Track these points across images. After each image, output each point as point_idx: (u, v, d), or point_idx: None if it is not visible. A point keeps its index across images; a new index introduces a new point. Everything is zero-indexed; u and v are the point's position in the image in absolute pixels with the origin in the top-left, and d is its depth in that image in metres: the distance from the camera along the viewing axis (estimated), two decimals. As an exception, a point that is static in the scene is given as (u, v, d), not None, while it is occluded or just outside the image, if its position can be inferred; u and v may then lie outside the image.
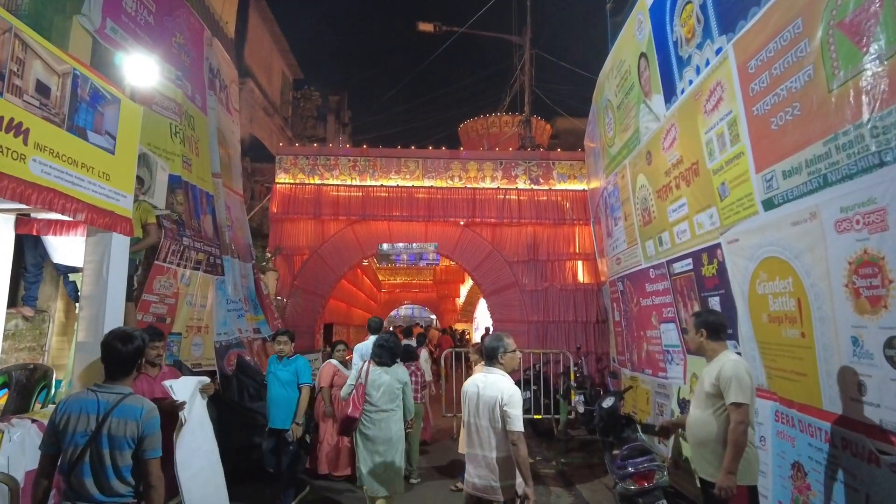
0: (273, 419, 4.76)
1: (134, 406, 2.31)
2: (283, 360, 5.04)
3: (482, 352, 5.75)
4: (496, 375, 3.06)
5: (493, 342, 3.17)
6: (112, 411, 2.23)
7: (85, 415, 2.24)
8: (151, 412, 2.34)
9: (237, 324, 7.85)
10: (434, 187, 10.36)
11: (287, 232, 10.29)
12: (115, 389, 2.34)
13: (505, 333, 3.26)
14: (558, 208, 10.41)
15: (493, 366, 3.11)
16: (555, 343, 10.13)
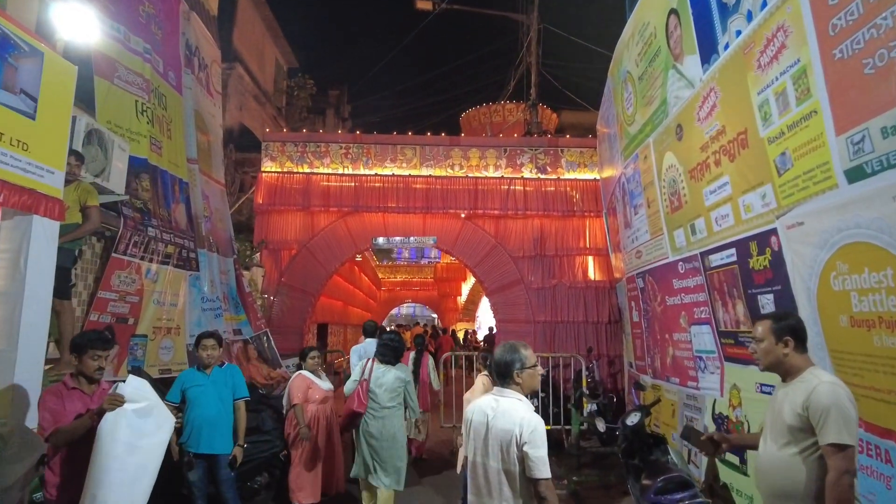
0: (205, 442, 3.82)
1: None
2: (212, 371, 4.01)
3: (485, 360, 5.08)
4: (511, 400, 2.33)
5: (506, 354, 2.42)
6: None
7: None
8: None
9: (214, 324, 7.16)
10: (433, 176, 9.65)
11: (273, 224, 9.59)
12: None
13: (521, 343, 2.49)
14: (567, 199, 9.69)
15: (507, 386, 2.38)
16: (563, 345, 9.43)
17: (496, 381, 2.42)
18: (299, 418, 4.61)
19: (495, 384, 2.44)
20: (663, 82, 4.77)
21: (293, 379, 4.86)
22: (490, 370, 3.03)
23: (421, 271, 29.03)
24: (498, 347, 2.50)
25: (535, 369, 2.40)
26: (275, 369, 7.89)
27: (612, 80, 6.73)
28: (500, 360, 2.38)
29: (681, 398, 5.02)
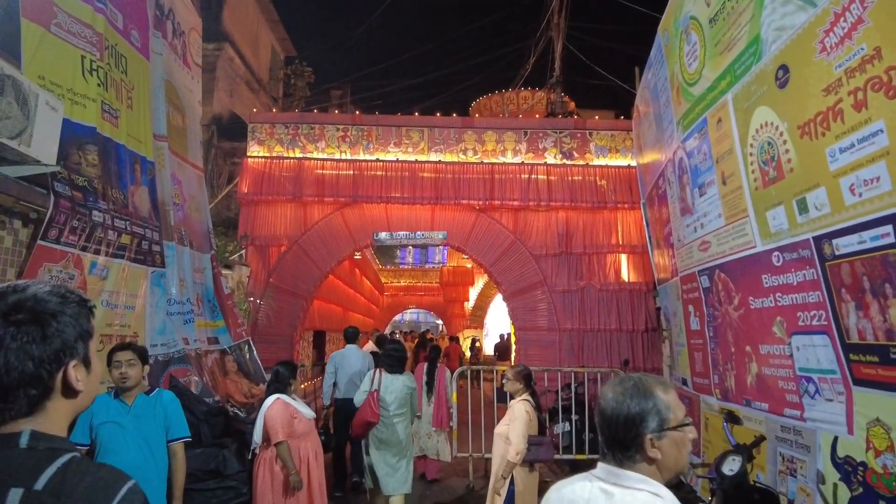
0: None
1: None
2: (135, 400, 2.94)
3: (526, 378, 4.02)
4: (635, 493, 1.21)
5: (628, 400, 1.29)
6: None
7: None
8: None
9: (182, 331, 6.11)
10: (443, 163, 8.58)
11: (260, 217, 8.54)
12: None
13: (656, 380, 1.35)
14: (596, 189, 8.60)
15: (626, 462, 1.27)
16: (593, 357, 8.33)
17: (604, 451, 1.31)
18: (286, 461, 3.53)
19: (603, 456, 1.32)
20: (754, 14, 3.69)
21: (271, 406, 3.76)
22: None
23: (426, 275, 28.16)
24: (606, 388, 1.36)
25: (685, 430, 1.28)
26: (257, 385, 6.81)
27: (665, 37, 5.65)
28: (617, 411, 1.27)
29: (772, 431, 3.91)
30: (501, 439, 3.71)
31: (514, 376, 3.85)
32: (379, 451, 4.44)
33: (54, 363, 0.97)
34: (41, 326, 0.96)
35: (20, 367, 0.93)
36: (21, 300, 0.97)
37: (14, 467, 0.91)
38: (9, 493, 0.87)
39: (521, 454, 3.46)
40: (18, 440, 0.93)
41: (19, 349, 0.94)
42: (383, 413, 4.42)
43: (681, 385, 6.24)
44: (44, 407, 0.97)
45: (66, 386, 0.98)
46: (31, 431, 0.95)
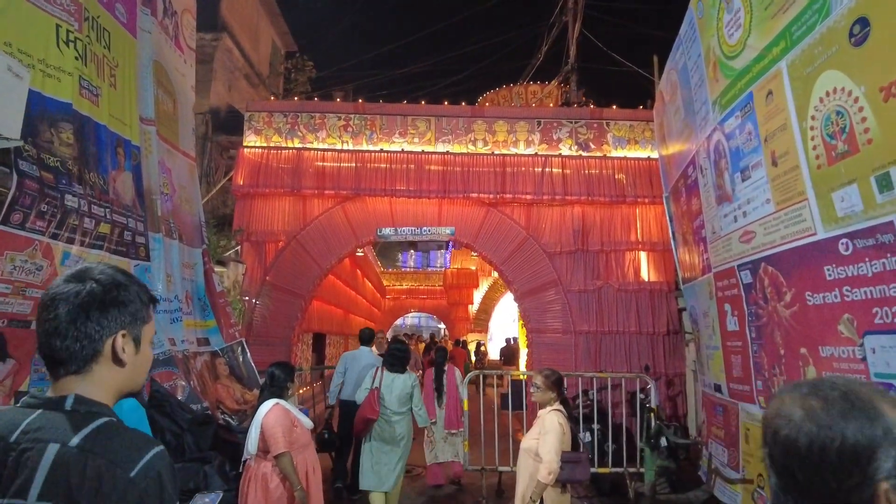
0: None
1: None
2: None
3: (558, 385, 3.54)
4: None
5: (854, 421, 0.77)
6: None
7: None
8: None
9: (168, 332, 5.65)
10: (451, 154, 8.12)
11: (257, 211, 8.08)
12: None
13: (871, 386, 0.82)
14: (614, 182, 8.12)
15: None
16: (610, 361, 7.84)
17: (779, 496, 0.81)
18: (290, 475, 3.06)
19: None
20: (820, -34, 3.22)
21: (269, 412, 3.28)
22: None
23: (428, 278, 27.89)
24: (786, 400, 0.85)
25: None
26: (251, 390, 6.34)
27: (700, 8, 5.18)
28: (821, 441, 0.77)
29: (836, 445, 3.40)
30: (529, 455, 3.24)
31: (545, 383, 3.37)
32: (379, 448, 4.60)
33: (106, 327, 1.08)
34: (104, 292, 1.08)
35: (77, 321, 1.04)
36: (90, 269, 1.12)
37: (56, 426, 1.01)
38: (47, 447, 0.98)
39: (554, 474, 2.99)
40: (64, 403, 1.04)
41: (79, 306, 1.05)
42: (383, 411, 4.58)
43: (712, 392, 5.75)
44: (90, 369, 1.08)
45: (114, 355, 1.09)
46: (76, 395, 1.05)
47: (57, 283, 1.11)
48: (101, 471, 0.98)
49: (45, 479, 0.96)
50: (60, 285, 1.09)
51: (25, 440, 0.99)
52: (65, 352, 1.06)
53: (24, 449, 0.98)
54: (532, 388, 3.44)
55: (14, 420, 1.02)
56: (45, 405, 1.05)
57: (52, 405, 1.05)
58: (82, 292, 1.08)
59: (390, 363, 4.81)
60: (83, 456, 0.98)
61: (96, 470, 0.98)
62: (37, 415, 1.03)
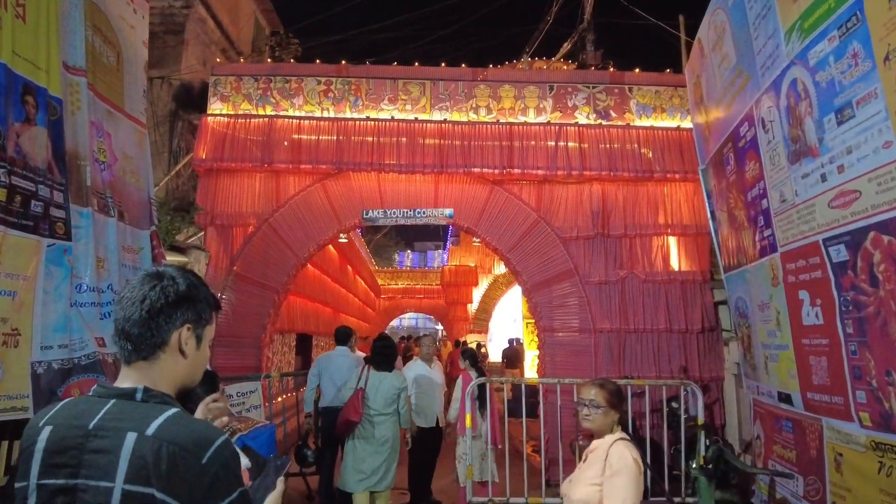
0: None
1: None
2: None
3: (620, 399, 2.37)
4: None
5: None
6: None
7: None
8: None
9: (97, 329, 4.55)
10: (449, 123, 7.06)
11: (222, 190, 7.02)
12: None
13: None
14: (639, 156, 7.08)
15: None
16: (637, 364, 6.84)
17: None
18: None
19: None
20: None
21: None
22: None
23: (425, 277, 27.07)
24: None
25: None
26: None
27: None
28: None
29: None
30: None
31: (608, 400, 2.33)
32: (363, 449, 4.50)
33: (176, 322, 1.24)
34: (177, 289, 1.24)
35: (152, 311, 1.20)
36: (167, 272, 1.28)
37: (131, 415, 1.14)
38: (126, 435, 1.10)
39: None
40: (135, 394, 1.18)
41: (157, 303, 1.22)
42: (367, 411, 4.48)
43: (775, 402, 4.71)
44: (157, 358, 1.23)
45: (179, 347, 1.24)
46: (144, 388, 1.19)
47: (135, 283, 1.25)
48: (175, 457, 1.08)
49: (128, 464, 1.08)
50: (139, 286, 1.24)
51: (104, 428, 1.12)
52: (138, 339, 1.21)
53: (103, 436, 1.11)
54: (584, 410, 2.39)
55: (91, 409, 1.16)
56: (117, 395, 1.17)
57: (124, 395, 1.18)
58: (157, 288, 1.23)
59: (377, 362, 4.66)
60: (158, 443, 1.09)
61: (171, 456, 1.08)
62: (111, 404, 1.15)
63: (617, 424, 2.37)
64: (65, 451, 1.11)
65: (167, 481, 1.06)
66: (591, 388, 2.40)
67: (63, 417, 1.16)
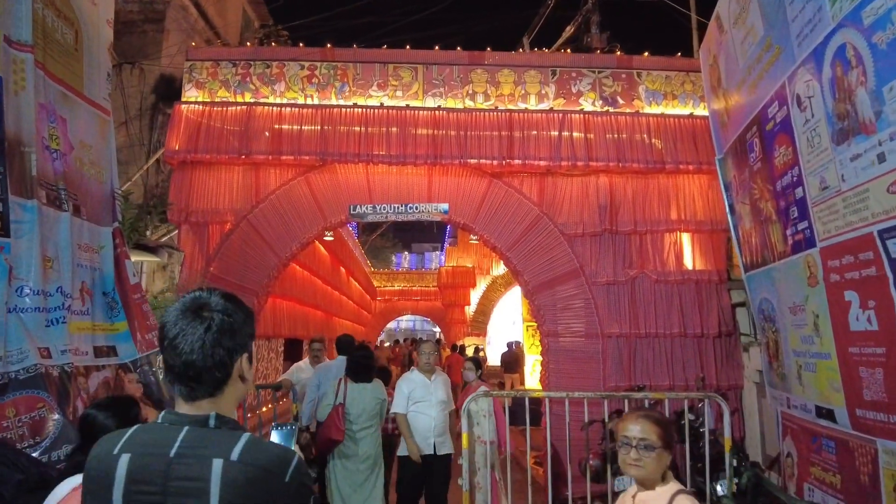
0: None
1: None
2: None
3: (671, 430, 1.78)
4: None
5: None
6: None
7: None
8: None
9: (41, 338, 4.04)
10: (443, 110, 6.54)
11: (197, 184, 6.48)
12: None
13: None
14: (649, 146, 6.56)
15: None
16: (648, 372, 6.33)
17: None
18: None
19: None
20: None
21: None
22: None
23: (422, 279, 26.61)
24: None
25: None
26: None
27: None
28: None
29: None
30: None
31: (662, 438, 1.81)
32: (344, 467, 4.31)
33: (236, 353, 1.25)
34: (231, 323, 1.24)
35: (213, 354, 1.21)
36: (210, 302, 1.26)
37: (210, 442, 1.18)
38: (212, 462, 1.14)
39: None
40: (208, 421, 1.21)
41: (215, 341, 1.21)
42: (349, 428, 4.27)
43: (809, 417, 4.19)
44: (222, 391, 1.25)
45: (240, 374, 1.27)
46: (216, 415, 1.22)
47: (176, 316, 1.24)
48: (262, 479, 1.16)
49: (220, 488, 1.13)
50: (188, 324, 1.22)
51: (186, 455, 1.15)
52: (203, 380, 1.22)
53: (188, 463, 1.14)
54: (631, 453, 1.84)
55: (166, 436, 1.19)
56: (190, 423, 1.20)
57: (197, 422, 1.21)
58: (213, 328, 1.22)
59: (354, 372, 4.42)
60: (244, 467, 1.15)
61: (257, 478, 1.16)
62: (186, 431, 1.19)
63: (669, 468, 1.83)
64: (149, 478, 1.14)
65: (257, 501, 1.14)
66: (638, 423, 1.86)
67: (139, 445, 1.18)
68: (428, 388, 4.74)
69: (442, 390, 4.81)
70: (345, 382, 4.37)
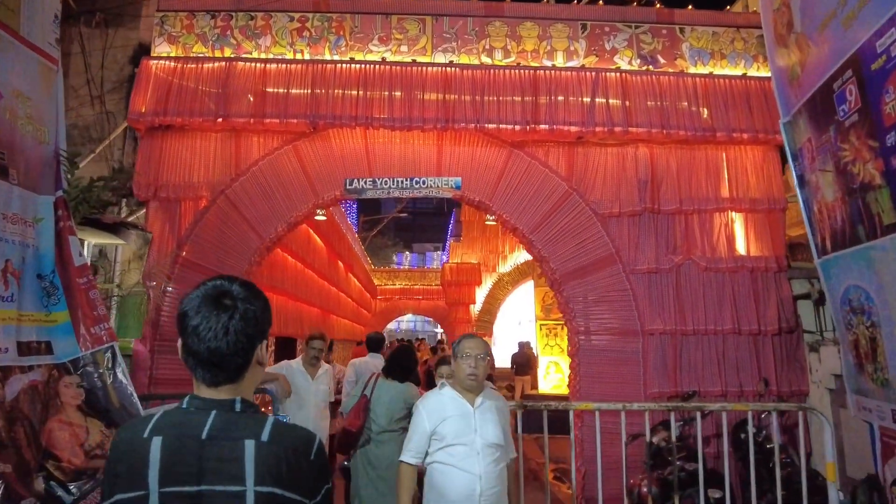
0: None
1: None
2: None
3: None
4: None
5: None
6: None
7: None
8: None
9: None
10: (456, 67, 5.60)
11: (168, 153, 5.56)
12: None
13: None
14: (695, 112, 5.63)
15: None
16: (697, 375, 5.41)
17: None
18: None
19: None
20: None
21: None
22: None
23: (424, 277, 25.89)
24: None
25: None
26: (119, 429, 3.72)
27: None
28: None
29: None
30: None
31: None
32: (366, 471, 3.93)
33: (257, 340, 1.31)
34: (254, 311, 1.29)
35: (238, 342, 1.26)
36: (231, 291, 1.30)
37: (238, 425, 1.25)
38: (244, 443, 1.22)
39: None
40: (234, 405, 1.28)
41: (240, 329, 1.26)
42: (369, 425, 3.94)
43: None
44: (243, 376, 1.31)
45: (258, 360, 1.33)
46: (242, 399, 1.29)
47: (198, 304, 1.28)
48: (291, 458, 1.25)
49: (255, 468, 1.21)
50: (212, 313, 1.26)
51: (218, 437, 1.22)
52: (227, 368, 1.28)
53: (221, 445, 1.22)
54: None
55: (195, 419, 1.25)
56: (217, 407, 1.27)
57: (224, 407, 1.27)
58: (237, 317, 1.27)
59: (389, 368, 4.12)
60: (275, 447, 1.23)
61: (287, 457, 1.24)
62: (214, 415, 1.25)
63: None
64: (183, 460, 1.20)
65: (288, 479, 1.22)
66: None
67: (170, 427, 1.23)
68: (470, 420, 2.71)
69: (495, 424, 2.75)
70: (375, 378, 4.13)
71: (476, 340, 2.78)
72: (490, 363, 2.80)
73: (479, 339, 2.79)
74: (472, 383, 2.70)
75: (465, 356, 2.68)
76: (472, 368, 2.66)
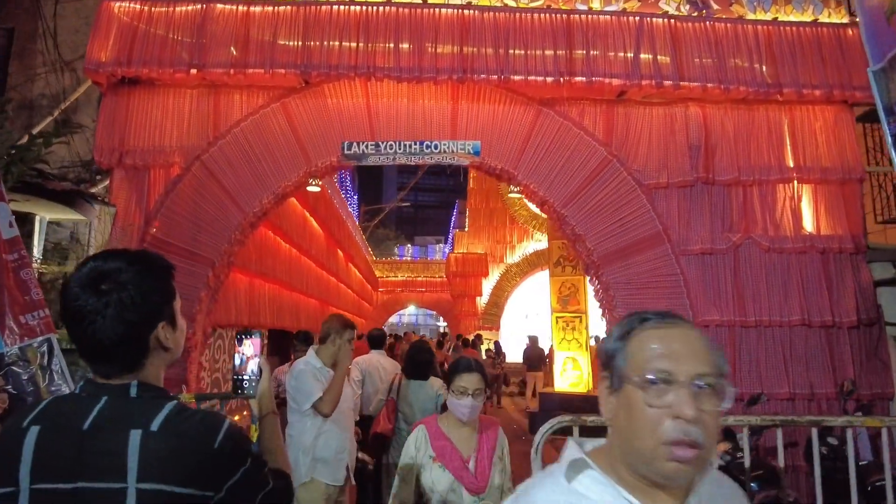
0: None
1: None
2: None
3: None
4: None
5: None
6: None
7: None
8: None
9: None
10: (475, 9, 4.74)
11: (135, 112, 4.74)
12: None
13: None
14: (757, 65, 4.76)
15: None
16: (759, 374, 4.57)
17: None
18: None
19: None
20: None
21: None
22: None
23: (427, 269, 25.28)
24: None
25: None
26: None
27: None
28: None
29: None
30: None
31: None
32: (391, 464, 3.84)
33: (148, 326, 1.10)
34: (136, 296, 1.08)
35: (116, 332, 1.06)
36: (105, 271, 1.08)
37: (130, 413, 1.06)
38: (129, 433, 1.02)
39: None
40: (129, 390, 1.09)
41: (115, 316, 1.06)
42: (401, 426, 3.90)
43: None
44: (142, 364, 1.11)
45: (160, 344, 1.13)
46: (139, 382, 1.09)
47: (78, 288, 1.08)
48: (185, 448, 1.03)
49: (138, 462, 1.01)
50: (84, 296, 1.07)
51: (102, 428, 1.03)
52: (116, 357, 1.09)
53: (103, 437, 1.02)
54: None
55: (81, 407, 1.06)
56: (109, 392, 1.08)
57: (117, 392, 1.08)
58: (114, 302, 1.07)
59: (409, 369, 4.01)
60: (167, 437, 1.03)
61: (182, 448, 1.03)
62: (104, 402, 1.07)
63: None
64: (59, 453, 1.03)
65: (182, 474, 1.03)
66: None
67: (50, 417, 1.07)
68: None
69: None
70: (399, 380, 4.06)
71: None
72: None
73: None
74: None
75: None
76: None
